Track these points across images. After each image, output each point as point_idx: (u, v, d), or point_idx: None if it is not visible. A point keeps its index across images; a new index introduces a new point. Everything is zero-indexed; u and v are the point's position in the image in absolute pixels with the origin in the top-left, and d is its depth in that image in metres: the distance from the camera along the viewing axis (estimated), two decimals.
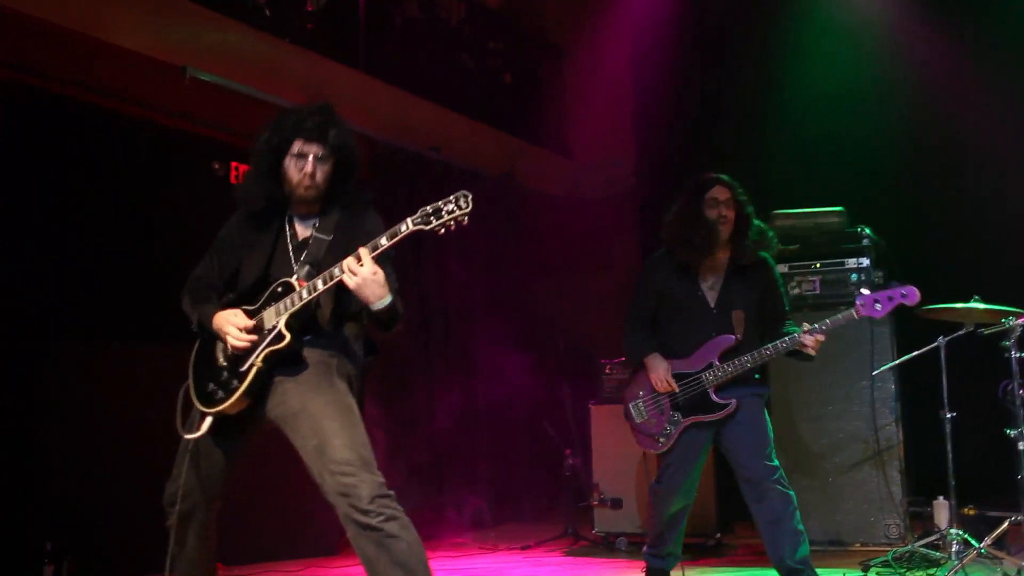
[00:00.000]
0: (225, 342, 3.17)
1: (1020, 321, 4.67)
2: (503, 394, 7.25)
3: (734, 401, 4.31)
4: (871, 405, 5.60)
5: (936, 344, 5.04)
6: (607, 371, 6.15)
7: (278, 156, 3.23)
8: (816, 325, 4.25)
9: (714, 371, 4.34)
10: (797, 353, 4.33)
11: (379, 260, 3.03)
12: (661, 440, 4.43)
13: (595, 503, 5.92)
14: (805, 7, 7.34)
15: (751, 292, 4.46)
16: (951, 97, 6.77)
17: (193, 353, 3.32)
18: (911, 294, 4.17)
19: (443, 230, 2.95)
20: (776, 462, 4.33)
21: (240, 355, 3.15)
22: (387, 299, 3.07)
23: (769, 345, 4.28)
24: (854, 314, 4.21)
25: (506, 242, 7.82)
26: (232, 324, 3.14)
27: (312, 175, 3.21)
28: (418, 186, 7.14)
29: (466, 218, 2.94)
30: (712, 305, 4.45)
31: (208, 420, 3.16)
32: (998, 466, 4.98)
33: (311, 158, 3.20)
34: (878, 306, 4.14)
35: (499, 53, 8.65)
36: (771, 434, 4.37)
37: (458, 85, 7.94)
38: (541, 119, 8.75)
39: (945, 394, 5.01)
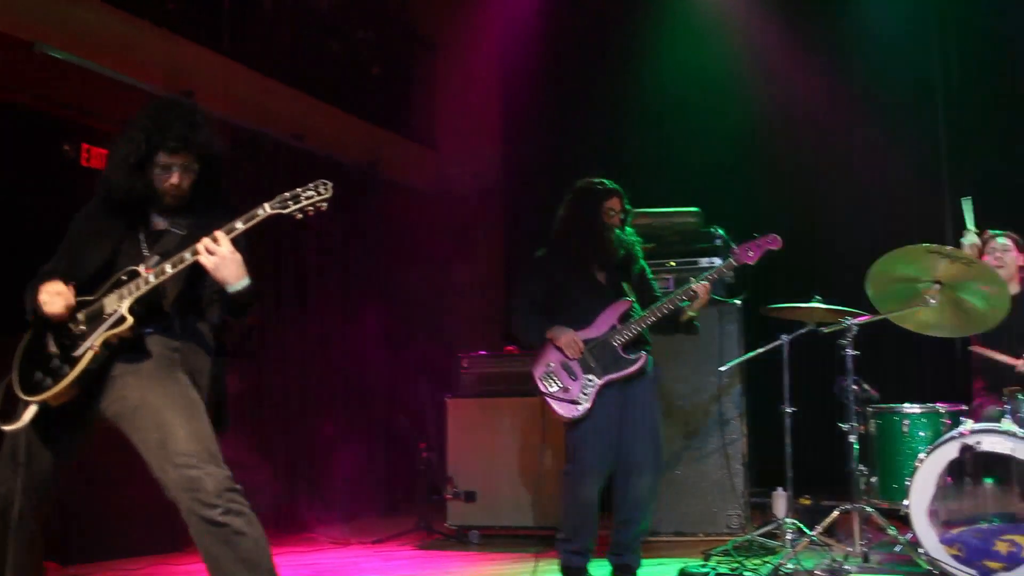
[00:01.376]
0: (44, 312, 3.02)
1: (856, 321, 4.93)
2: (360, 386, 7.21)
3: (644, 354, 4.54)
4: (718, 399, 5.82)
5: (780, 342, 5.27)
6: (464, 364, 6.20)
7: (142, 164, 3.12)
8: (701, 277, 4.56)
9: (618, 332, 4.54)
10: (683, 328, 4.68)
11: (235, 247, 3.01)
12: (582, 404, 4.51)
13: (449, 496, 5.96)
14: (667, 11, 7.53)
15: (631, 278, 4.76)
16: (802, 103, 7.07)
17: (21, 344, 3.14)
18: (774, 240, 4.54)
19: (301, 215, 2.99)
20: (661, 451, 4.60)
21: (75, 341, 3.01)
22: (245, 280, 3.04)
23: (666, 299, 4.53)
24: (733, 262, 4.55)
25: (368, 233, 7.78)
26: (47, 291, 3.02)
27: (178, 185, 3.14)
28: (279, 174, 7.03)
29: (325, 204, 2.99)
30: (604, 284, 4.70)
31: (32, 409, 2.99)
32: (833, 458, 5.24)
33: (176, 169, 3.13)
34: (750, 253, 4.50)
35: (368, 43, 8.57)
36: (660, 425, 4.63)
37: (324, 73, 7.85)
38: (409, 111, 8.73)
39: (786, 390, 5.24)
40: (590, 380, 4.53)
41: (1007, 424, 4.46)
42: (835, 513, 4.87)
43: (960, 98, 6.94)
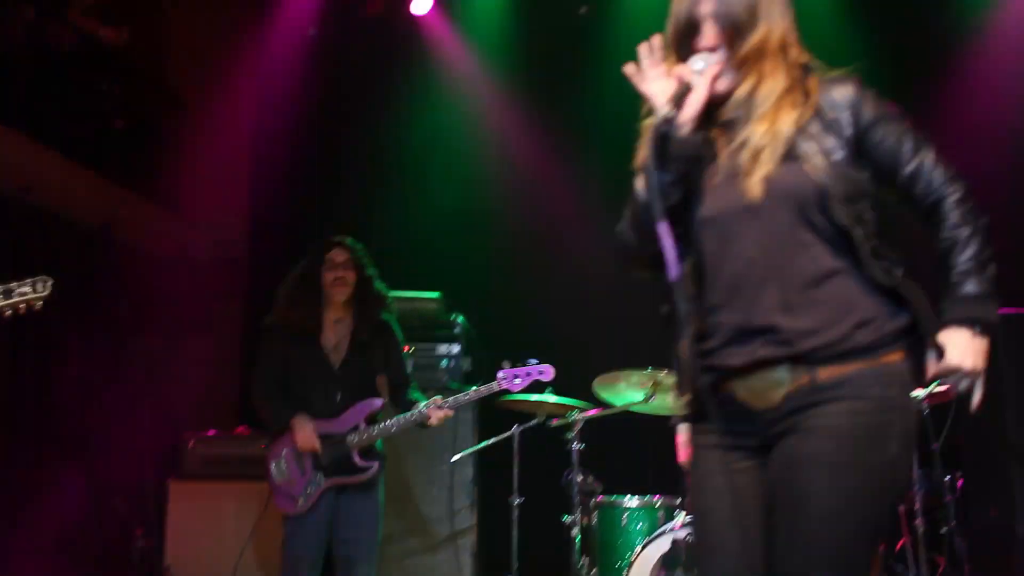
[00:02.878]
0: None
1: (583, 415, 5.10)
2: (73, 463, 6.69)
3: (376, 464, 4.47)
4: (450, 489, 5.83)
5: (511, 433, 5.36)
6: (191, 444, 5.91)
7: None
8: (448, 399, 4.56)
9: (359, 434, 4.45)
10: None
11: None
12: (301, 500, 4.43)
13: None
14: (417, 91, 7.57)
15: (376, 353, 4.65)
16: (546, 194, 7.28)
17: None
18: (547, 371, 4.56)
19: (10, 312, 2.85)
20: (374, 551, 4.54)
21: None
22: None
23: (407, 415, 4.52)
24: (495, 386, 4.63)
25: (99, 296, 7.30)
26: None
27: None
28: (1, 230, 6.52)
29: (40, 302, 2.87)
30: (336, 367, 4.58)
31: None
32: (559, 549, 5.33)
33: None
34: (517, 380, 4.55)
35: (113, 94, 8.14)
36: (379, 526, 4.57)
37: (59, 122, 7.37)
38: (152, 171, 8.31)
39: (516, 480, 5.32)
40: (316, 479, 4.45)
41: None
42: None
43: None
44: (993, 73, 6.61)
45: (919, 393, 4.86)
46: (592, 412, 5.18)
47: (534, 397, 5.16)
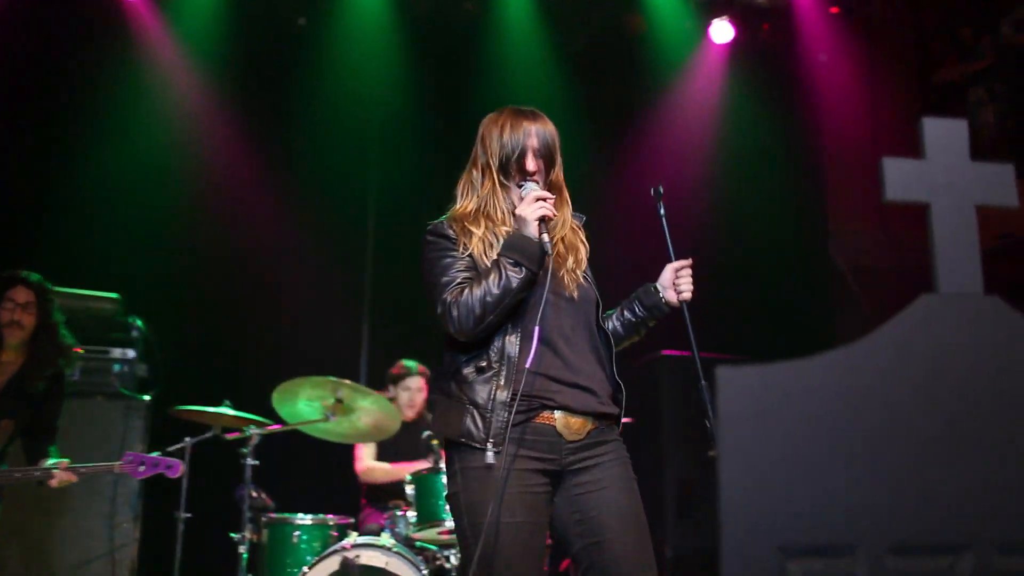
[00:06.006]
0: None
1: (258, 431, 4.97)
2: None
3: None
4: (112, 501, 5.48)
5: (182, 444, 5.11)
6: None
7: None
8: (78, 467, 4.26)
9: None
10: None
11: None
12: None
13: None
14: (118, 81, 7.00)
15: (32, 400, 4.32)
16: (243, 199, 7.03)
17: None
18: (175, 467, 4.36)
19: None
20: None
21: None
22: None
23: (26, 469, 4.22)
24: (114, 468, 4.31)
25: None
26: None
27: None
28: None
29: None
30: None
31: None
32: (224, 566, 5.14)
33: None
34: (141, 468, 4.30)
35: None
36: None
37: None
38: None
39: (184, 494, 5.08)
40: None
41: (385, 538, 4.73)
42: None
43: (388, 224, 7.40)
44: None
45: None
46: (270, 428, 5.07)
47: (211, 409, 4.98)
